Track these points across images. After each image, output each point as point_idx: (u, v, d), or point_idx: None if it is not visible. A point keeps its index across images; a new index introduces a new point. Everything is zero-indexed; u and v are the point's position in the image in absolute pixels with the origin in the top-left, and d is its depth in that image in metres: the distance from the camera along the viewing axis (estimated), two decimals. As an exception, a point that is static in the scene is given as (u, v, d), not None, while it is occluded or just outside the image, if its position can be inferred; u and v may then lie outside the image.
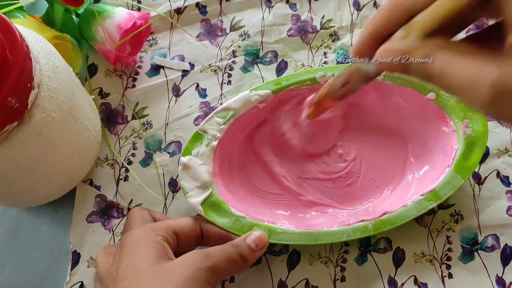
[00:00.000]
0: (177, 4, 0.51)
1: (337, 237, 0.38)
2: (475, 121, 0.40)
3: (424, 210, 0.38)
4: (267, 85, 0.43)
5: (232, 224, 0.39)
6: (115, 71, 0.48)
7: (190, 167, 0.40)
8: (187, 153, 0.41)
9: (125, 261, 0.33)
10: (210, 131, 0.41)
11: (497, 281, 0.39)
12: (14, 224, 0.44)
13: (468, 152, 0.39)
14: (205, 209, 0.39)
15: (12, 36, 0.31)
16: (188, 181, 0.40)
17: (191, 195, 0.39)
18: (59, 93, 0.34)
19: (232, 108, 0.42)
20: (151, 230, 0.35)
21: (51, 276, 0.42)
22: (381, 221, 0.39)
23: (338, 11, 0.51)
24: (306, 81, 0.43)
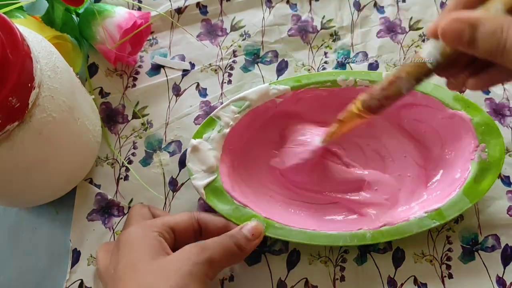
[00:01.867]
0: (177, 4, 0.51)
1: (333, 241, 0.38)
2: (492, 147, 0.39)
3: (425, 228, 0.38)
4: (287, 81, 0.43)
5: (231, 212, 0.39)
6: (115, 71, 0.48)
7: (199, 150, 0.40)
8: (198, 136, 0.41)
9: (123, 260, 0.33)
10: (223, 118, 0.42)
11: (498, 281, 0.39)
12: (14, 224, 0.44)
13: (480, 176, 0.39)
14: (207, 194, 0.39)
15: (12, 36, 0.31)
16: (195, 164, 0.40)
17: (195, 177, 0.40)
18: (60, 93, 0.34)
19: (249, 98, 0.42)
20: (146, 227, 0.35)
21: (51, 276, 0.42)
22: (380, 232, 0.38)
23: (339, 11, 0.51)
24: (327, 82, 0.43)
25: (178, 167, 0.44)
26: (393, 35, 0.49)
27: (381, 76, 0.43)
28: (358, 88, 0.42)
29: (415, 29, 0.50)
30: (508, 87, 0.46)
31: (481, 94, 0.46)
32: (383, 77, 0.42)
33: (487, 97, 0.46)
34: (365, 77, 0.43)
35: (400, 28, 0.50)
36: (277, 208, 0.42)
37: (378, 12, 0.51)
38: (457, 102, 0.41)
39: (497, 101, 0.46)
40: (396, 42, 0.49)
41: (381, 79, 0.42)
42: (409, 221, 0.38)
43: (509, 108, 0.45)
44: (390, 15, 0.50)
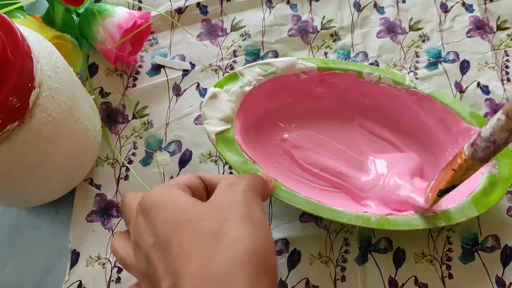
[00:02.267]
0: (178, 4, 0.51)
1: (337, 216, 0.37)
2: (503, 165, 0.40)
3: (431, 226, 0.37)
4: (315, 60, 0.43)
5: (239, 164, 0.37)
6: (115, 71, 0.48)
7: (217, 98, 0.39)
8: (218, 87, 0.40)
9: (160, 221, 0.27)
10: (247, 76, 0.41)
11: (497, 281, 0.39)
12: (14, 224, 0.44)
13: (489, 189, 0.39)
14: (218, 141, 0.38)
15: (13, 36, 0.31)
16: (211, 110, 0.39)
17: (209, 122, 0.38)
18: (60, 93, 0.34)
19: (275, 65, 0.42)
20: (167, 185, 0.30)
21: (51, 276, 0.42)
22: (386, 219, 0.37)
23: (339, 12, 0.51)
24: (352, 71, 0.43)
25: (178, 167, 0.44)
26: (393, 35, 0.49)
27: (405, 79, 0.42)
28: (381, 86, 0.43)
29: (415, 29, 0.50)
30: (508, 87, 0.46)
31: (481, 94, 0.46)
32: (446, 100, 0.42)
33: (487, 97, 0.46)
34: (390, 76, 0.43)
35: (400, 28, 0.50)
36: (283, 177, 0.41)
37: (378, 12, 0.51)
38: (473, 118, 0.41)
39: (497, 102, 0.46)
40: (396, 42, 0.49)
41: (404, 81, 0.42)
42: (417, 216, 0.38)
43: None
44: (390, 16, 0.50)
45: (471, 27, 0.49)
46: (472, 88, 0.46)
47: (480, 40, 0.48)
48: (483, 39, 0.48)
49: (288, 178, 0.42)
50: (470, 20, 0.49)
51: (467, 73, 0.47)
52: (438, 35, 0.49)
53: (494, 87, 0.46)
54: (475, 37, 0.49)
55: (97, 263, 0.41)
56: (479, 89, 0.46)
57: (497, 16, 0.49)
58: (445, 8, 0.50)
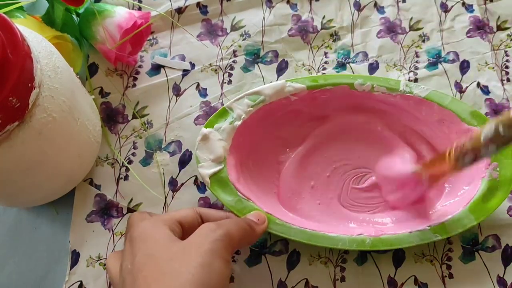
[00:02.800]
0: (177, 4, 0.51)
1: (332, 243, 0.38)
2: (504, 166, 0.39)
3: (426, 241, 0.38)
4: (304, 80, 0.43)
5: (234, 203, 0.39)
6: (115, 71, 0.48)
7: (209, 139, 0.41)
8: (209, 126, 0.41)
9: (139, 252, 0.32)
10: (236, 110, 0.42)
11: (498, 281, 0.39)
12: (14, 224, 0.44)
13: (488, 194, 0.38)
14: (212, 183, 0.39)
15: (13, 36, 0.31)
16: (203, 152, 0.40)
17: (202, 165, 0.40)
18: (60, 93, 0.34)
19: (263, 93, 0.42)
20: (156, 220, 0.35)
21: (51, 276, 0.42)
22: (379, 240, 0.38)
23: (339, 12, 0.51)
24: (344, 85, 0.43)
25: (178, 167, 0.44)
26: (393, 35, 0.49)
27: (399, 84, 0.42)
28: (375, 94, 0.42)
29: (415, 29, 0.50)
30: (508, 88, 0.46)
31: (481, 94, 0.46)
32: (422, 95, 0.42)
33: (487, 97, 0.46)
34: (383, 83, 0.42)
35: (400, 28, 0.50)
36: (280, 206, 0.42)
37: (378, 12, 0.51)
38: (474, 118, 0.40)
39: (497, 102, 0.46)
40: (396, 42, 0.49)
41: (398, 87, 0.42)
42: (411, 233, 0.38)
43: (509, 109, 0.45)
44: (390, 15, 0.50)
45: (471, 27, 0.49)
46: (472, 88, 0.46)
47: (480, 40, 0.48)
48: (483, 39, 0.48)
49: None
50: (470, 20, 0.49)
51: (467, 73, 0.47)
52: (438, 35, 0.49)
53: (494, 87, 0.46)
54: (475, 37, 0.49)
55: (97, 263, 0.41)
56: (479, 89, 0.46)
57: (497, 16, 0.49)
58: (445, 8, 0.50)
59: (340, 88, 0.43)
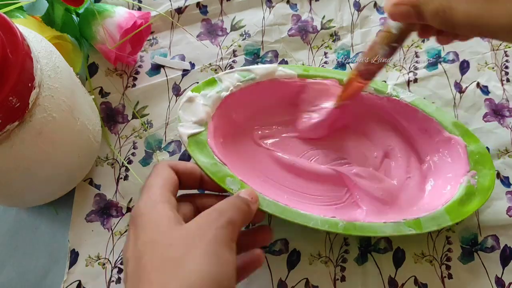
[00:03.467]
0: (177, 4, 0.51)
1: (303, 220, 0.37)
2: (483, 176, 0.40)
3: (399, 233, 0.37)
4: (296, 68, 0.43)
5: (209, 165, 0.38)
6: (115, 71, 0.48)
7: (194, 102, 0.40)
8: (196, 91, 0.41)
9: (140, 236, 0.31)
10: (225, 82, 0.41)
11: (497, 282, 0.39)
12: (14, 224, 0.44)
13: (466, 199, 0.39)
14: (190, 143, 0.38)
15: (13, 36, 0.31)
16: (186, 113, 0.40)
17: (183, 125, 0.39)
18: (60, 93, 0.34)
19: (255, 72, 0.42)
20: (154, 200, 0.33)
21: (51, 276, 0.42)
22: (352, 225, 0.38)
23: (339, 12, 0.51)
24: (333, 78, 0.43)
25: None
26: (393, 35, 0.49)
27: (386, 87, 0.43)
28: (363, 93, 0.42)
29: (415, 29, 0.50)
30: (508, 88, 0.46)
31: (481, 94, 0.46)
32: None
33: (486, 97, 0.46)
34: (371, 84, 0.42)
35: (400, 28, 0.50)
36: (255, 178, 0.41)
37: (378, 12, 0.51)
38: (455, 128, 0.41)
39: (496, 102, 0.46)
40: (396, 42, 0.49)
41: (386, 90, 0.43)
42: (386, 222, 0.38)
43: (509, 109, 0.45)
44: (390, 16, 0.50)
45: None
46: (471, 88, 0.46)
47: (480, 40, 0.48)
48: (482, 39, 0.48)
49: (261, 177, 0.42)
50: (470, 20, 0.49)
51: (466, 73, 0.47)
52: (438, 35, 0.49)
53: (494, 87, 0.46)
54: (475, 37, 0.49)
55: (96, 263, 0.41)
56: (478, 89, 0.46)
57: (497, 16, 0.49)
58: (445, 8, 0.50)
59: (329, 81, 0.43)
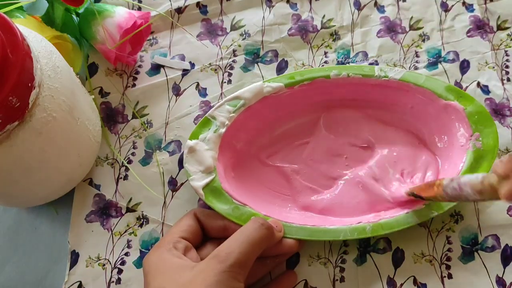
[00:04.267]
0: (177, 4, 0.51)
1: (333, 236, 0.38)
2: (486, 135, 0.40)
3: (425, 218, 0.38)
4: (280, 79, 0.43)
5: (231, 211, 0.39)
6: (115, 70, 0.48)
7: (196, 151, 0.41)
8: (194, 137, 0.41)
9: (151, 285, 0.34)
10: (219, 118, 0.42)
11: (498, 281, 0.39)
12: (14, 224, 0.44)
13: (476, 165, 0.39)
14: (206, 194, 0.39)
15: (13, 35, 0.31)
16: (192, 165, 0.40)
17: (194, 178, 0.40)
18: (60, 93, 0.34)
19: (243, 97, 0.42)
20: (161, 249, 0.36)
21: (51, 276, 0.42)
22: (379, 224, 0.38)
23: (339, 11, 0.51)
24: (320, 78, 0.43)
25: (177, 167, 0.44)
26: (393, 34, 0.49)
27: (374, 70, 0.43)
28: (350, 78, 0.43)
29: (415, 28, 0.49)
30: (508, 87, 0.46)
31: (481, 94, 0.46)
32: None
33: (487, 97, 0.46)
34: (358, 71, 0.43)
35: (400, 27, 0.50)
36: (275, 207, 0.42)
37: (378, 11, 0.51)
38: (449, 92, 0.42)
39: (497, 101, 0.45)
40: (396, 42, 0.49)
41: (373, 73, 0.43)
42: (408, 213, 0.39)
43: (509, 108, 0.45)
44: (390, 15, 0.50)
45: (471, 27, 0.49)
46: (472, 88, 0.46)
47: (480, 40, 0.48)
48: (483, 39, 0.48)
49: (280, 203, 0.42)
50: (470, 19, 0.49)
51: (467, 73, 0.47)
52: (438, 35, 0.49)
53: (494, 87, 0.46)
54: (475, 36, 0.48)
55: (96, 264, 0.41)
56: (479, 89, 0.46)
57: (497, 15, 0.49)
58: (445, 7, 0.50)
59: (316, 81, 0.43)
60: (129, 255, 0.42)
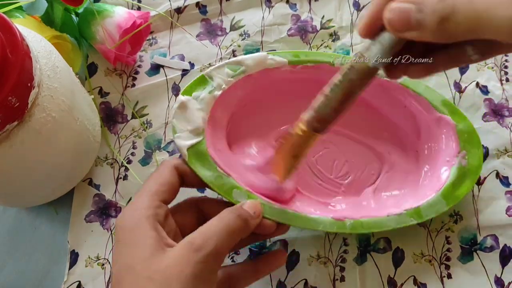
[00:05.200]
0: (177, 4, 0.51)
1: (313, 225, 0.37)
2: (472, 155, 0.40)
3: (403, 225, 0.38)
4: (286, 54, 0.42)
5: (213, 179, 0.36)
6: (115, 70, 0.48)
7: (187, 108, 0.38)
8: (187, 93, 0.39)
9: (120, 258, 0.31)
10: (216, 79, 0.40)
11: (496, 281, 0.39)
12: (14, 224, 0.44)
13: (458, 182, 0.39)
14: (190, 156, 0.37)
15: (12, 35, 0.31)
16: (181, 122, 0.38)
17: (179, 136, 0.37)
18: (59, 93, 0.34)
19: (245, 64, 0.41)
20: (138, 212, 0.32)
21: (51, 276, 0.42)
22: (360, 222, 0.38)
23: (338, 11, 0.51)
24: (324, 63, 0.42)
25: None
26: (392, 35, 0.49)
27: None
28: None
29: (414, 29, 0.49)
30: (507, 87, 0.46)
31: (480, 94, 0.46)
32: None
33: (486, 97, 0.46)
34: None
35: (400, 28, 0.50)
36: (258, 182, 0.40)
37: (377, 12, 0.51)
38: (444, 106, 0.41)
39: (496, 102, 0.46)
40: (395, 42, 0.49)
41: None
42: (388, 216, 0.38)
43: (508, 109, 0.45)
44: (389, 15, 0.50)
45: None
46: (471, 88, 0.46)
47: (479, 40, 0.48)
48: (482, 39, 0.48)
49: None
50: (469, 20, 0.49)
51: (466, 73, 0.47)
52: (437, 35, 0.49)
53: (493, 87, 0.46)
54: (474, 37, 0.48)
55: (96, 264, 0.41)
56: (478, 89, 0.46)
57: (496, 16, 0.49)
58: (444, 8, 0.50)
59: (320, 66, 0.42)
60: (129, 255, 0.42)
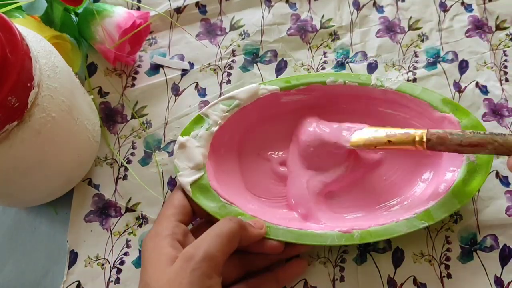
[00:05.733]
0: (176, 4, 0.51)
1: (320, 240, 0.38)
2: None
3: (414, 229, 0.38)
4: (276, 82, 0.43)
5: (218, 209, 0.39)
6: (114, 70, 0.48)
7: (186, 147, 0.41)
8: (185, 134, 0.41)
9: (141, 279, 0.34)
10: (212, 116, 0.42)
11: (496, 281, 0.39)
12: (14, 224, 0.44)
13: (469, 178, 0.39)
14: (194, 191, 0.39)
15: (12, 35, 0.31)
16: (182, 161, 0.40)
17: (182, 174, 0.40)
18: (59, 93, 0.34)
19: (238, 97, 0.42)
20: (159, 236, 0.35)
21: (50, 276, 0.42)
22: (368, 232, 0.38)
23: (338, 11, 0.51)
24: (316, 83, 0.43)
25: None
26: (392, 34, 0.49)
27: (370, 79, 0.43)
28: (346, 85, 0.43)
29: (414, 28, 0.50)
30: (506, 87, 0.46)
31: (480, 94, 0.46)
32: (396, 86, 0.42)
33: (485, 97, 0.46)
34: (354, 79, 0.43)
35: (399, 27, 0.50)
36: (264, 207, 0.42)
37: (377, 11, 0.51)
38: (445, 105, 0.41)
39: (495, 102, 0.46)
40: (395, 42, 0.49)
41: (369, 82, 0.43)
42: (398, 222, 0.38)
43: (508, 108, 0.45)
44: (389, 15, 0.50)
45: (470, 27, 0.49)
46: (470, 88, 0.46)
47: (479, 40, 0.48)
48: (481, 39, 0.48)
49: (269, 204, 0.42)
50: (469, 19, 0.49)
51: (465, 73, 0.47)
52: (437, 35, 0.49)
53: (493, 87, 0.46)
54: (474, 36, 0.49)
55: (95, 263, 0.41)
56: (477, 89, 0.46)
57: (496, 15, 0.49)
58: (444, 8, 0.50)
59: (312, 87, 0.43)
60: (128, 255, 0.42)
